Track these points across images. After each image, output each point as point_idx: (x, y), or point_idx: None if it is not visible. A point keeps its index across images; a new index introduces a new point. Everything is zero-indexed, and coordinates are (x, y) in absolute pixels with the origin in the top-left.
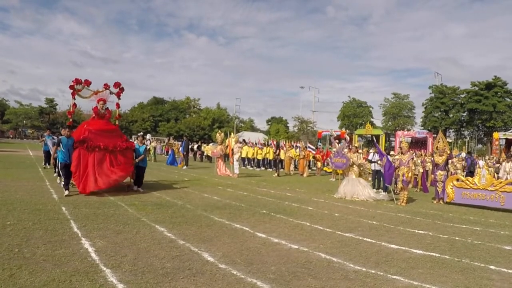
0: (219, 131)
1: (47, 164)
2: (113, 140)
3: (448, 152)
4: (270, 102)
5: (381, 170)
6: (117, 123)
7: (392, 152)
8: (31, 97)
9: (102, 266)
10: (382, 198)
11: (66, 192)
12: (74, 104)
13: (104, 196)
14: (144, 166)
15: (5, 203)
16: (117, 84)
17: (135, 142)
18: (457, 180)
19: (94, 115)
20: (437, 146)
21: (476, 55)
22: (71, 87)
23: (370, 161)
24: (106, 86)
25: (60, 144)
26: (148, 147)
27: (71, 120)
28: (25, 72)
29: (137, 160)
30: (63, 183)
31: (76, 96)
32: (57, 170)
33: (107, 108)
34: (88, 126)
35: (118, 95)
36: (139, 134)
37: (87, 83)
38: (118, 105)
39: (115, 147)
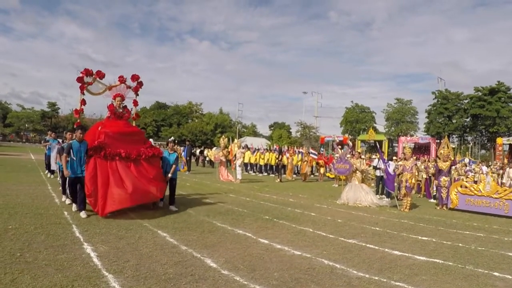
0: (223, 136)
1: (51, 173)
2: (136, 146)
3: (452, 158)
4: (272, 107)
5: (384, 176)
6: (134, 124)
7: (394, 158)
8: (32, 100)
9: (104, 271)
10: (385, 204)
11: (83, 214)
12: (83, 101)
13: None
14: (174, 178)
15: (6, 207)
16: (135, 77)
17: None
18: (462, 186)
19: (109, 115)
20: (441, 152)
21: (479, 60)
22: (80, 79)
23: (375, 167)
24: (122, 79)
25: (71, 150)
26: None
27: (79, 120)
28: (26, 75)
29: (169, 175)
30: (74, 204)
31: (85, 91)
32: (62, 185)
33: (125, 106)
34: (103, 128)
35: (136, 90)
36: (169, 139)
37: (100, 75)
38: (136, 103)
39: (139, 155)
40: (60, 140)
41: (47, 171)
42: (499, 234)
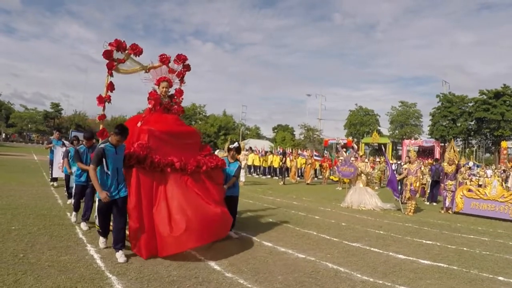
0: (229, 138)
1: (55, 182)
2: (192, 153)
3: (456, 162)
4: (276, 109)
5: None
6: None
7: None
8: (35, 101)
9: (107, 273)
10: (389, 208)
11: (121, 257)
12: (111, 85)
13: None
14: (235, 196)
15: (9, 208)
16: (181, 58)
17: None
18: (468, 190)
19: (152, 106)
20: (448, 156)
21: (483, 63)
22: (108, 54)
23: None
24: (164, 59)
25: (104, 159)
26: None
27: (103, 112)
28: (28, 76)
29: (225, 186)
30: (102, 239)
31: (114, 72)
32: (72, 205)
33: (173, 95)
34: (145, 124)
35: (182, 76)
36: (233, 146)
37: (136, 50)
38: (180, 92)
39: (198, 166)
40: (66, 142)
41: (50, 178)
42: (504, 238)
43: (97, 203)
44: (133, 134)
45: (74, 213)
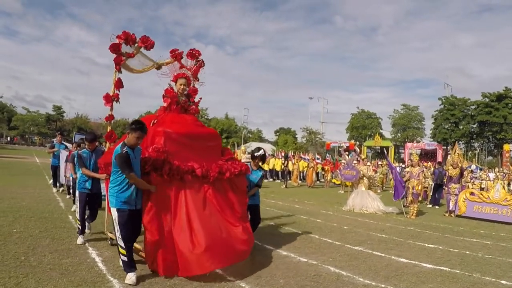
0: (231, 141)
1: (57, 186)
2: (213, 158)
3: (460, 165)
4: (278, 113)
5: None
6: None
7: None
8: (36, 103)
9: (109, 276)
10: (391, 211)
11: (132, 277)
12: (119, 81)
13: None
14: (256, 204)
15: (11, 210)
16: (195, 53)
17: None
18: (471, 193)
19: (167, 105)
20: (453, 159)
21: (485, 65)
22: (115, 47)
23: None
24: (176, 54)
25: (126, 163)
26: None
27: (111, 113)
28: (29, 78)
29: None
30: (123, 257)
31: (122, 67)
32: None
33: (189, 94)
34: (161, 125)
35: (196, 73)
36: (258, 153)
37: (147, 43)
38: (194, 91)
39: (221, 172)
40: (69, 145)
41: (51, 182)
42: (507, 241)
43: (117, 218)
44: (146, 137)
45: (80, 235)
